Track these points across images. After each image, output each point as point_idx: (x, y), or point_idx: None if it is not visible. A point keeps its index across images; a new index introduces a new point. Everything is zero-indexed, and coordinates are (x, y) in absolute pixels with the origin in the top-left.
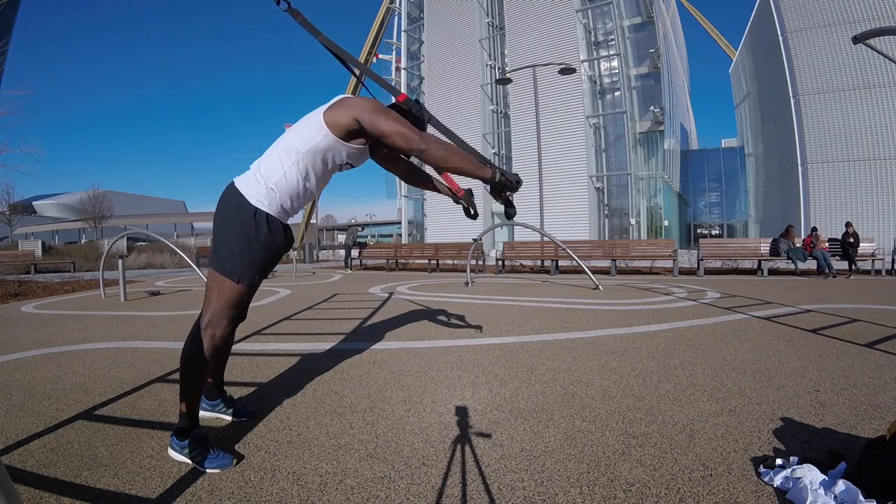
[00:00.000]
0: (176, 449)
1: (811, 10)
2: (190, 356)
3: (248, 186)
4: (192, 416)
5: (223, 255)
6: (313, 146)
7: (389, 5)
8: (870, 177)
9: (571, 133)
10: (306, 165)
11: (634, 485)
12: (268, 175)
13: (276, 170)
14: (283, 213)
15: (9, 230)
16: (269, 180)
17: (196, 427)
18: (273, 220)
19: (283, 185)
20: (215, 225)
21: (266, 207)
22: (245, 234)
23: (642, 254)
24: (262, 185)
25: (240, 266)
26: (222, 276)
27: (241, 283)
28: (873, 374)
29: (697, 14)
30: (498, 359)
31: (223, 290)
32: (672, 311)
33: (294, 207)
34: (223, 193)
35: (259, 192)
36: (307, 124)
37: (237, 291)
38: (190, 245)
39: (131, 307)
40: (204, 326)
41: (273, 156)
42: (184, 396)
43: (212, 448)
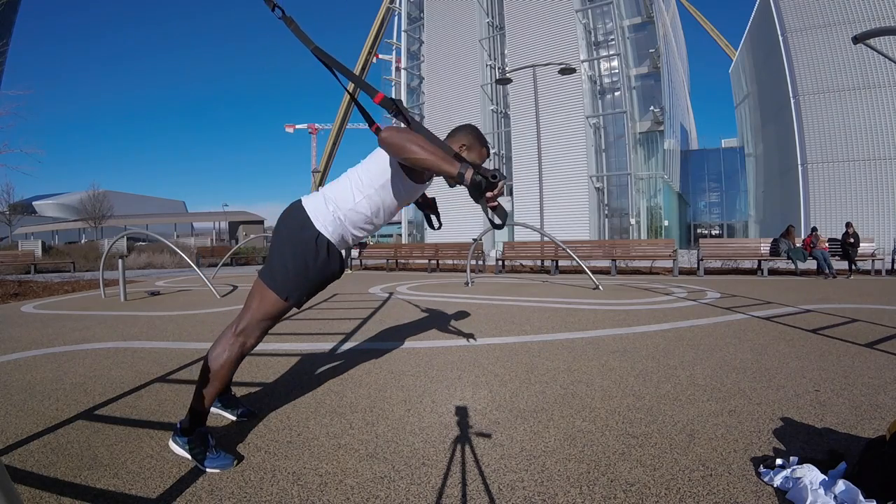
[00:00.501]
0: (178, 443)
1: (811, 10)
2: (217, 358)
3: (315, 209)
4: (201, 414)
5: (277, 270)
6: (387, 179)
7: (389, 5)
8: (870, 177)
9: (571, 133)
10: (379, 201)
11: (634, 485)
12: (338, 203)
13: (348, 200)
14: (344, 242)
15: (9, 230)
16: (338, 209)
17: (202, 425)
18: (332, 248)
19: (352, 216)
20: (275, 238)
21: (329, 234)
22: (303, 256)
23: (642, 254)
24: (330, 213)
25: (291, 285)
26: (270, 290)
27: (287, 301)
28: (873, 374)
29: (697, 14)
30: (498, 359)
31: (266, 303)
32: (672, 311)
33: (355, 239)
34: (289, 209)
35: (326, 217)
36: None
37: (280, 307)
38: (190, 245)
39: (131, 307)
40: (237, 332)
41: (346, 184)
42: (198, 395)
43: (213, 447)
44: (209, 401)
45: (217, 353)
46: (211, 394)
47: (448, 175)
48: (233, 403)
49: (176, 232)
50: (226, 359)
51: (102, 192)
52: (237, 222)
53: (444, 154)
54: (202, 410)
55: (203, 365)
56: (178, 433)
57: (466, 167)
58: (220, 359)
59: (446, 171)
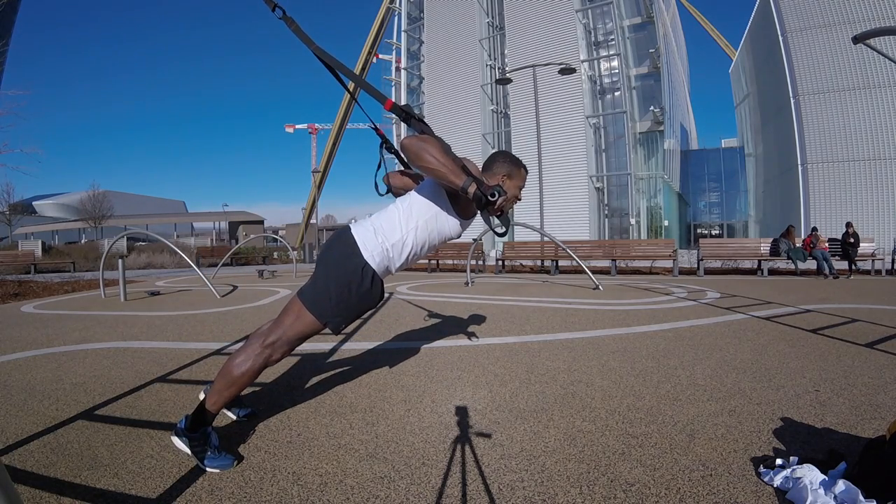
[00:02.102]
0: (181, 439)
1: (811, 10)
2: (239, 366)
3: (364, 239)
4: (212, 415)
5: (320, 293)
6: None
7: (389, 5)
8: (870, 177)
9: (571, 133)
10: (426, 235)
11: (634, 485)
12: (386, 235)
13: (396, 233)
14: (387, 272)
15: (9, 230)
16: (386, 240)
17: (208, 425)
18: (377, 278)
19: (399, 248)
20: (322, 261)
21: (376, 265)
22: (347, 284)
23: (642, 254)
24: (379, 244)
25: (331, 311)
26: (309, 312)
27: (326, 325)
28: (873, 374)
29: (697, 14)
30: (498, 359)
31: (302, 323)
32: (672, 311)
33: (399, 269)
34: (339, 235)
35: (374, 248)
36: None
37: (315, 329)
38: (190, 245)
39: (131, 307)
40: (265, 344)
41: (395, 216)
42: (215, 397)
43: (214, 447)
44: (222, 404)
45: (240, 360)
46: (226, 398)
47: (453, 186)
48: (236, 402)
49: (176, 232)
50: (248, 368)
51: (102, 192)
52: (237, 222)
53: (454, 166)
54: (213, 412)
55: (223, 368)
56: (182, 429)
57: (470, 182)
58: (243, 367)
59: (452, 183)
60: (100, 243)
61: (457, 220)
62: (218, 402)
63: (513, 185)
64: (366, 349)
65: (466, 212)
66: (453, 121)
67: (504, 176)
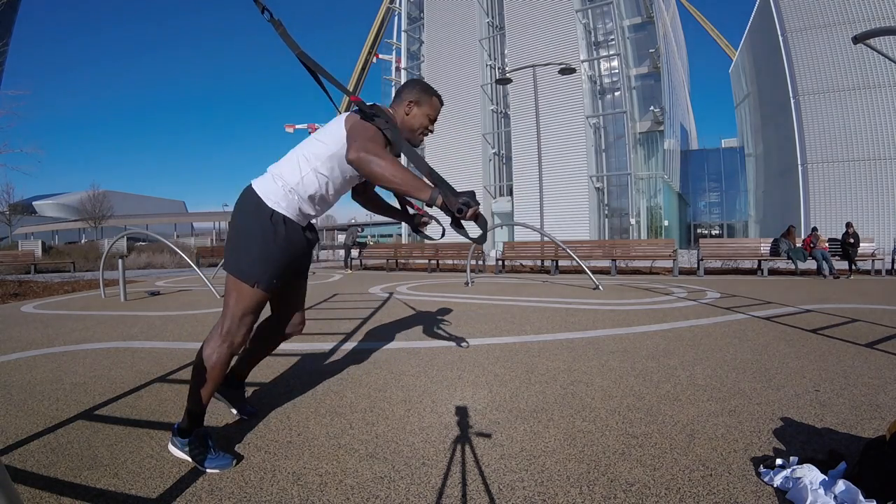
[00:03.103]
0: (177, 446)
1: (811, 10)
2: (206, 360)
3: (265, 188)
4: (197, 415)
5: (242, 258)
6: (333, 154)
7: (389, 5)
8: (870, 177)
9: (571, 133)
10: (326, 173)
11: (634, 485)
12: (286, 178)
13: (295, 174)
14: (302, 216)
15: (9, 230)
16: (287, 183)
17: (199, 426)
18: (290, 223)
19: (301, 189)
20: (231, 228)
21: (283, 210)
22: (262, 236)
23: (642, 254)
24: (280, 188)
25: (257, 269)
26: (240, 281)
27: (257, 286)
28: (873, 374)
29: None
30: (498, 359)
31: (241, 296)
32: (672, 311)
33: (314, 212)
34: (241, 196)
35: (277, 194)
36: (329, 131)
37: (254, 296)
38: (190, 245)
39: (131, 307)
40: (223, 333)
41: (293, 159)
42: (193, 396)
43: (213, 448)
44: (205, 400)
45: (207, 353)
46: (206, 394)
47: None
48: (240, 398)
49: (176, 232)
50: (216, 360)
51: (102, 192)
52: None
53: (414, 181)
54: (199, 411)
55: (195, 363)
56: (175, 435)
57: (437, 195)
58: (211, 360)
59: (417, 198)
60: (100, 243)
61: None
62: (201, 400)
63: (420, 114)
64: (366, 349)
65: None
66: (453, 121)
67: (411, 103)
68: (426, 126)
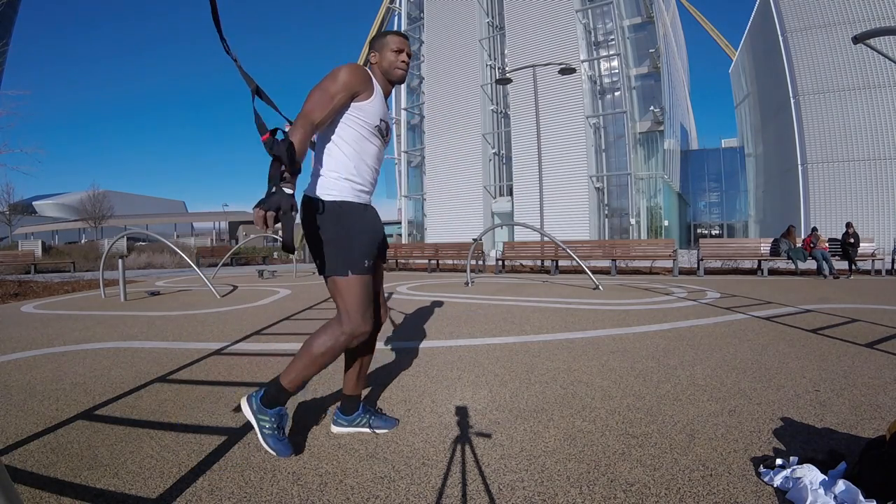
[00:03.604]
0: (252, 408)
1: (811, 10)
2: (317, 346)
3: (310, 188)
4: (287, 394)
5: (327, 260)
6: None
7: (389, 5)
8: (870, 177)
9: (571, 133)
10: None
11: (634, 485)
12: (318, 166)
13: (321, 157)
14: (354, 193)
15: (9, 230)
16: (329, 171)
17: (283, 405)
18: (346, 204)
19: (334, 165)
20: (308, 239)
21: (334, 196)
22: (330, 229)
23: (642, 254)
24: (321, 178)
25: (342, 260)
26: (336, 278)
27: (352, 274)
28: (873, 374)
29: (697, 14)
30: (498, 359)
31: (345, 290)
32: (672, 311)
33: (363, 182)
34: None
35: (321, 185)
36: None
37: (360, 283)
38: (190, 245)
39: (131, 307)
40: (343, 332)
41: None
42: (293, 375)
43: (283, 430)
44: (299, 383)
45: (322, 340)
46: (304, 377)
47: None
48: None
49: (176, 232)
50: (329, 347)
51: (102, 192)
52: (237, 222)
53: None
54: (289, 391)
55: (303, 347)
56: (257, 396)
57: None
58: (325, 346)
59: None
60: (100, 243)
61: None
62: (295, 381)
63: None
64: None
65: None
66: (453, 121)
67: (373, 54)
68: (394, 61)
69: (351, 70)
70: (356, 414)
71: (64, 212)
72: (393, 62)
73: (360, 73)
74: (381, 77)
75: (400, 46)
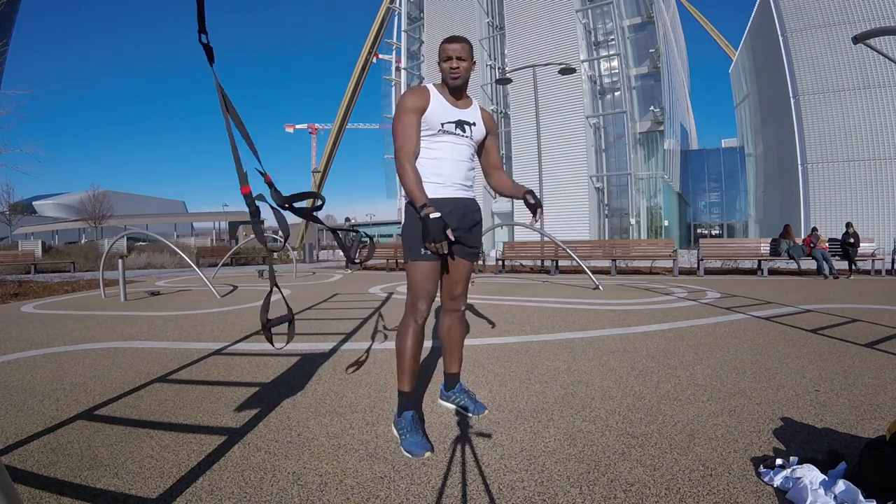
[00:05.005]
0: (394, 424)
1: (811, 10)
2: (398, 339)
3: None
4: (406, 396)
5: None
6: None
7: (389, 5)
8: (870, 177)
9: (571, 133)
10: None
11: (634, 485)
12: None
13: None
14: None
15: (9, 230)
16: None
17: (407, 409)
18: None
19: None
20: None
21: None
22: (406, 227)
23: (642, 254)
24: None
25: (410, 251)
26: (406, 264)
27: (412, 260)
28: (873, 374)
29: (697, 14)
30: (498, 359)
31: (409, 274)
32: (672, 311)
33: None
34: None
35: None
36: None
37: (414, 270)
38: (190, 245)
39: (131, 307)
40: (407, 311)
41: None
42: (398, 376)
43: (413, 430)
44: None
45: (398, 340)
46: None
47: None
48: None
49: (176, 232)
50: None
51: (102, 192)
52: (237, 222)
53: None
54: (405, 391)
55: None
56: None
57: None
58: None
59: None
60: (100, 243)
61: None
62: (400, 379)
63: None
64: (365, 349)
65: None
66: None
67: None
68: (446, 69)
69: (407, 94)
70: (453, 391)
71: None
72: (446, 71)
73: (415, 92)
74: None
75: (448, 54)
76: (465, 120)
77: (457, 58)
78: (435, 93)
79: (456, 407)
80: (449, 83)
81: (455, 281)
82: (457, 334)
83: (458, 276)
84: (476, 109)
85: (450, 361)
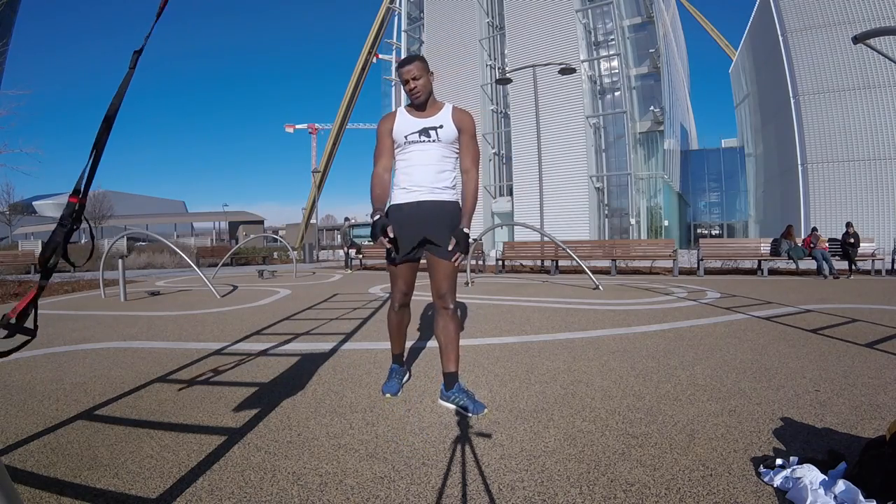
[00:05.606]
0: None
1: (811, 10)
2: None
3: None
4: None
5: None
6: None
7: (389, 5)
8: (870, 177)
9: (571, 133)
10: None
11: (634, 485)
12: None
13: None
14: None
15: (9, 230)
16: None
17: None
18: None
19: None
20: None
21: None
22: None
23: (642, 254)
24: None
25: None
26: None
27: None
28: (873, 374)
29: (697, 14)
30: (498, 359)
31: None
32: (672, 311)
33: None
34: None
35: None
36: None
37: (389, 271)
38: (190, 245)
39: (131, 307)
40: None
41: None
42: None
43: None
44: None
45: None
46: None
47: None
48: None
49: (176, 232)
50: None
51: (102, 192)
52: (237, 222)
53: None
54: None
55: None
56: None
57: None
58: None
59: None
60: (100, 243)
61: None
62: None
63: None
64: (366, 349)
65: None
66: None
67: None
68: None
69: (380, 121)
70: (452, 391)
71: None
72: (407, 93)
73: (385, 118)
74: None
75: (404, 78)
76: (430, 126)
77: (412, 79)
78: (402, 112)
79: (456, 407)
80: (413, 102)
81: (437, 280)
82: (450, 332)
83: (439, 275)
84: (446, 113)
85: (446, 360)
